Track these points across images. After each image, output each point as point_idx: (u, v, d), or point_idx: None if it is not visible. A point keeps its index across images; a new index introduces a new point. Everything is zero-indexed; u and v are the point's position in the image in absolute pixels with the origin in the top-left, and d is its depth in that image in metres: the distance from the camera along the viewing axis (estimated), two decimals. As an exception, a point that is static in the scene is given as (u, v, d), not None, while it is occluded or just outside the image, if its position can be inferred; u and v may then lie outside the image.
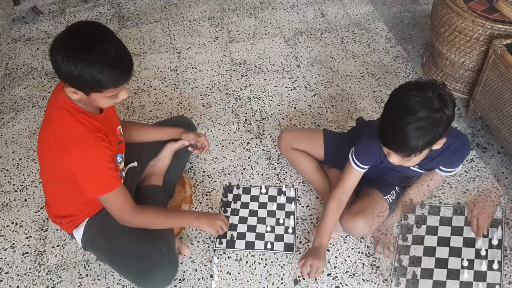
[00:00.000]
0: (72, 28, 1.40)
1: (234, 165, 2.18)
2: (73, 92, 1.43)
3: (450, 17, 2.18)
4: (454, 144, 1.66)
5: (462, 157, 1.72)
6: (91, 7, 3.17)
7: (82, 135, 1.47)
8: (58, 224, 1.77)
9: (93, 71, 1.35)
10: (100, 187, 1.53)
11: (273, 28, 2.92)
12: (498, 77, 2.02)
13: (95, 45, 1.36)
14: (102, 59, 1.36)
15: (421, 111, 1.38)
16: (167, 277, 1.67)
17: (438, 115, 1.40)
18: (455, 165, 1.75)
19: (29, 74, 2.71)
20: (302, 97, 2.48)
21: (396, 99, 1.46)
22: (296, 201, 2.01)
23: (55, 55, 1.36)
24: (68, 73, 1.37)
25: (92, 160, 1.48)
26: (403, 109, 1.41)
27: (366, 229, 1.75)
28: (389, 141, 1.47)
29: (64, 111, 1.48)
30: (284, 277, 1.79)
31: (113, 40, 1.40)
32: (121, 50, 1.41)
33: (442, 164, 1.73)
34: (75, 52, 1.34)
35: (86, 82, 1.37)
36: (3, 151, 2.29)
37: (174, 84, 2.60)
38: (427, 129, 1.40)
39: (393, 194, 1.84)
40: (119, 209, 1.59)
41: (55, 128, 1.49)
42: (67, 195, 1.66)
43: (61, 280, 1.81)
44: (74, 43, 1.35)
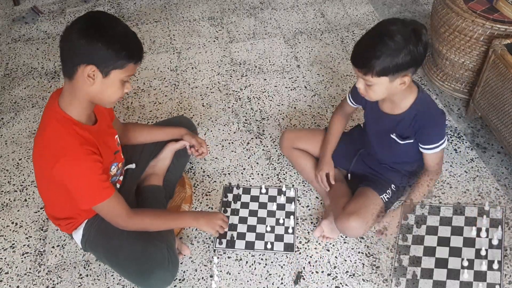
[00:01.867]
0: (86, 15, 1.44)
1: (234, 165, 2.18)
2: (90, 76, 1.41)
3: (450, 17, 2.18)
4: (427, 114, 1.69)
5: (437, 126, 1.71)
6: (91, 7, 3.17)
7: (72, 148, 1.45)
8: (57, 225, 1.77)
9: (118, 44, 1.39)
10: (91, 199, 1.52)
11: (273, 28, 2.92)
12: (498, 77, 2.02)
13: (114, 25, 1.42)
14: (124, 33, 1.43)
15: (393, 36, 1.49)
16: (167, 278, 1.67)
17: (405, 44, 1.49)
18: (433, 137, 1.72)
19: (29, 74, 2.71)
20: (302, 97, 2.48)
21: (378, 24, 1.58)
22: (296, 201, 2.01)
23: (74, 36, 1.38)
24: (91, 50, 1.38)
25: (81, 173, 1.47)
26: (379, 31, 1.53)
27: (361, 229, 1.75)
28: (355, 55, 1.57)
29: (55, 122, 1.47)
30: (284, 277, 1.79)
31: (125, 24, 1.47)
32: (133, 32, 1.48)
33: (419, 136, 1.72)
34: (97, 29, 1.38)
35: (111, 56, 1.39)
36: (3, 151, 2.29)
37: (174, 84, 2.60)
38: (390, 51, 1.49)
39: (389, 193, 1.84)
40: (114, 216, 1.59)
41: (46, 138, 1.49)
42: (63, 200, 1.65)
43: (61, 280, 1.81)
44: (95, 22, 1.40)
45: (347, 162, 1.96)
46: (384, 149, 1.85)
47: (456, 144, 2.20)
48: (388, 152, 1.85)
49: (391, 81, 1.56)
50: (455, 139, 2.22)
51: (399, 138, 1.76)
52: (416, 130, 1.72)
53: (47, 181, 1.60)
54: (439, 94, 2.44)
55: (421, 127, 1.70)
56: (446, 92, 2.44)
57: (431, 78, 2.49)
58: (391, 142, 1.79)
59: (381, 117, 1.77)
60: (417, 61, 1.55)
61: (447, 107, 2.37)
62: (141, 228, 1.65)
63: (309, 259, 1.83)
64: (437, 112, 1.73)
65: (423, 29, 1.54)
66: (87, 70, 1.40)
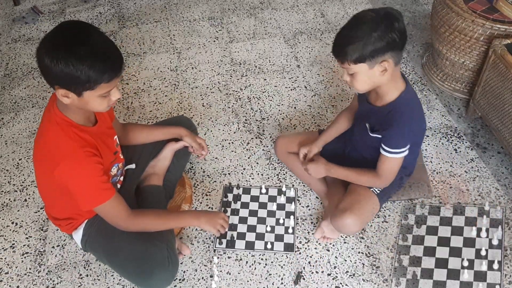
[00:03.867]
0: (57, 28, 1.38)
1: (234, 165, 2.18)
2: (64, 96, 1.39)
3: (450, 17, 2.18)
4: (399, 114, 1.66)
5: (401, 129, 1.66)
6: (91, 7, 3.17)
7: (72, 151, 1.45)
8: (57, 225, 1.77)
9: (84, 65, 1.32)
10: (92, 200, 1.53)
11: (273, 28, 2.92)
12: (498, 77, 2.02)
13: (83, 40, 1.34)
14: (92, 52, 1.34)
15: (366, 24, 1.53)
16: (167, 278, 1.67)
17: (377, 28, 1.51)
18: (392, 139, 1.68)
19: (29, 74, 2.71)
20: (302, 97, 2.48)
21: (355, 15, 1.61)
22: (296, 201, 2.01)
23: (43, 56, 1.34)
24: (58, 73, 1.33)
25: (82, 175, 1.47)
26: (354, 22, 1.57)
27: (357, 225, 1.74)
28: (333, 46, 1.61)
29: (55, 125, 1.47)
30: (284, 277, 1.79)
31: (99, 34, 1.39)
32: (109, 42, 1.40)
33: (383, 132, 1.70)
34: (64, 49, 1.32)
35: (77, 80, 1.34)
36: (3, 151, 2.29)
37: (174, 84, 2.60)
38: (363, 37, 1.52)
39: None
40: (114, 217, 1.59)
41: (46, 141, 1.49)
42: (64, 201, 1.65)
43: (61, 280, 1.81)
44: (62, 41, 1.34)
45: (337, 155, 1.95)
46: (359, 135, 1.84)
47: (456, 144, 2.20)
48: (362, 139, 1.83)
49: (371, 68, 1.57)
50: (455, 139, 2.22)
51: (370, 129, 1.75)
52: (383, 126, 1.69)
53: (47, 182, 1.60)
54: (439, 94, 2.44)
55: (388, 124, 1.67)
56: (446, 92, 2.44)
57: (431, 78, 2.49)
58: (364, 130, 1.78)
59: (365, 103, 1.78)
60: (393, 46, 1.54)
61: (447, 107, 2.37)
62: (142, 229, 1.65)
63: (309, 259, 1.83)
64: (411, 115, 1.68)
65: (397, 14, 1.55)
66: (60, 92, 1.39)
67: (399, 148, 1.68)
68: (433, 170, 2.09)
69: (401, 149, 1.68)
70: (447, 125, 2.28)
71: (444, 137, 2.23)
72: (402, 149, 1.68)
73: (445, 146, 2.19)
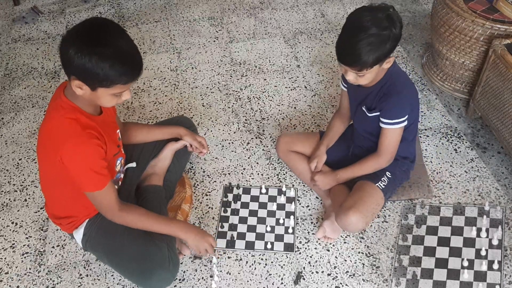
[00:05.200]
0: (86, 22, 1.42)
1: (234, 165, 2.18)
2: (78, 87, 1.43)
3: (450, 17, 2.18)
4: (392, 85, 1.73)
5: (397, 98, 1.71)
6: (91, 7, 3.17)
7: (75, 132, 1.47)
8: (58, 224, 1.77)
9: (105, 64, 1.36)
10: (90, 184, 1.53)
11: (273, 28, 2.92)
12: (498, 77, 2.02)
13: (109, 40, 1.38)
14: (115, 54, 1.38)
15: (371, 28, 1.56)
16: (168, 277, 1.67)
17: (386, 33, 1.57)
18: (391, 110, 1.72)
19: (29, 74, 2.71)
20: (302, 97, 2.48)
21: (351, 20, 1.64)
22: (296, 201, 2.01)
23: (67, 47, 1.37)
24: (79, 66, 1.37)
25: (84, 155, 1.49)
26: (357, 28, 1.59)
27: (362, 222, 1.74)
28: (345, 56, 1.63)
29: (61, 110, 1.49)
30: (284, 277, 1.79)
31: (126, 37, 1.44)
32: (133, 47, 1.44)
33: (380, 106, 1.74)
34: (90, 45, 1.36)
35: (96, 76, 1.38)
36: (3, 151, 2.29)
37: (174, 84, 2.60)
38: (376, 44, 1.56)
39: (385, 180, 1.83)
40: (105, 206, 1.60)
41: (49, 127, 1.51)
42: (66, 197, 1.66)
43: (61, 280, 1.81)
44: (89, 36, 1.37)
45: (342, 159, 1.96)
46: (359, 124, 1.89)
47: (456, 144, 2.20)
48: (363, 127, 1.87)
49: (381, 65, 1.65)
50: (455, 139, 2.22)
51: (367, 110, 1.79)
52: (380, 101, 1.75)
53: (50, 173, 1.61)
54: (439, 94, 2.44)
55: (383, 97, 1.74)
56: (446, 92, 2.44)
57: (431, 78, 2.49)
58: (362, 114, 1.82)
59: (357, 90, 1.82)
60: (399, 40, 1.62)
61: (447, 107, 2.37)
62: (127, 224, 1.64)
63: (309, 259, 1.83)
64: (403, 84, 1.75)
65: (393, 10, 1.60)
66: (75, 82, 1.42)
67: (399, 118, 1.73)
68: (433, 170, 2.09)
69: (400, 118, 1.73)
70: (447, 125, 2.28)
71: (444, 137, 2.23)
72: (402, 118, 1.73)
73: (445, 146, 2.19)
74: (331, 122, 2.01)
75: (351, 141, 1.97)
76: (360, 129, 1.90)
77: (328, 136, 1.98)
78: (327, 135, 1.98)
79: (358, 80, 1.68)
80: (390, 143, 1.78)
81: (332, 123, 2.01)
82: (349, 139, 1.98)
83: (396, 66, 1.77)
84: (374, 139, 1.84)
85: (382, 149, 1.80)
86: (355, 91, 1.84)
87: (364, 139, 1.90)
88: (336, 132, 1.99)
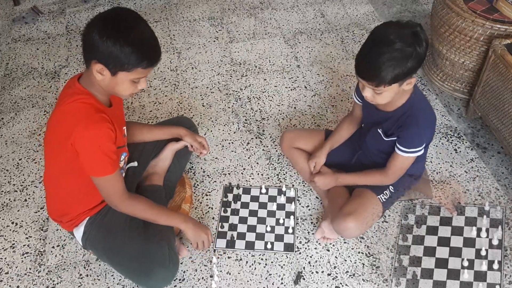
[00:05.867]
0: (111, 11, 1.49)
1: (234, 165, 2.18)
2: (99, 72, 1.47)
3: (450, 17, 2.18)
4: (413, 115, 1.67)
5: (416, 129, 1.67)
6: (91, 7, 3.17)
7: (89, 113, 1.50)
8: (58, 222, 1.77)
9: (129, 48, 1.43)
10: (101, 167, 1.54)
11: (273, 28, 2.92)
12: (498, 77, 2.02)
13: (132, 26, 1.46)
14: (139, 39, 1.46)
15: (396, 43, 1.49)
16: (168, 276, 1.67)
17: (410, 49, 1.50)
18: (408, 140, 1.69)
19: (29, 74, 2.71)
20: (302, 97, 2.48)
21: (376, 33, 1.56)
22: (296, 201, 2.01)
23: (93, 32, 1.43)
24: (103, 50, 1.42)
25: (97, 138, 1.50)
26: (380, 41, 1.52)
27: (358, 230, 1.74)
28: (363, 69, 1.56)
29: (75, 95, 1.53)
30: (284, 277, 1.79)
31: (148, 26, 1.51)
32: (153, 35, 1.53)
33: (398, 133, 1.71)
34: (114, 30, 1.43)
35: (119, 59, 1.44)
36: (3, 151, 2.29)
37: (174, 84, 2.60)
38: (398, 60, 1.50)
39: (387, 193, 1.83)
40: (112, 192, 1.61)
41: (62, 110, 1.54)
42: (69, 191, 1.67)
43: (61, 280, 1.81)
44: (114, 22, 1.45)
45: (345, 163, 1.96)
46: (372, 143, 1.85)
47: (456, 144, 2.20)
48: (375, 146, 1.84)
49: (400, 85, 1.58)
50: (455, 139, 2.22)
51: (384, 134, 1.76)
52: (398, 129, 1.71)
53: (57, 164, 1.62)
54: (439, 94, 2.44)
55: (402, 126, 1.69)
56: (446, 92, 2.44)
57: (431, 78, 2.49)
58: (378, 137, 1.79)
59: (374, 111, 1.78)
60: (422, 60, 1.56)
61: (447, 107, 2.37)
62: (130, 213, 1.66)
63: (309, 259, 1.83)
64: (424, 116, 1.70)
65: (420, 28, 1.55)
66: (97, 67, 1.47)
67: (416, 148, 1.70)
68: (433, 170, 2.09)
69: (417, 148, 1.70)
70: (447, 125, 2.28)
71: (444, 137, 2.23)
72: (419, 148, 1.70)
73: (445, 146, 2.19)
74: (340, 125, 1.98)
75: (358, 146, 1.95)
76: (373, 147, 1.85)
77: (334, 138, 1.96)
78: (332, 137, 1.97)
79: (376, 99, 1.62)
80: (401, 167, 1.76)
81: (341, 125, 1.98)
82: (356, 143, 1.96)
83: (418, 92, 1.72)
84: (385, 156, 1.81)
85: (391, 171, 1.77)
86: (371, 110, 1.79)
87: (374, 155, 1.87)
88: (342, 136, 1.97)
